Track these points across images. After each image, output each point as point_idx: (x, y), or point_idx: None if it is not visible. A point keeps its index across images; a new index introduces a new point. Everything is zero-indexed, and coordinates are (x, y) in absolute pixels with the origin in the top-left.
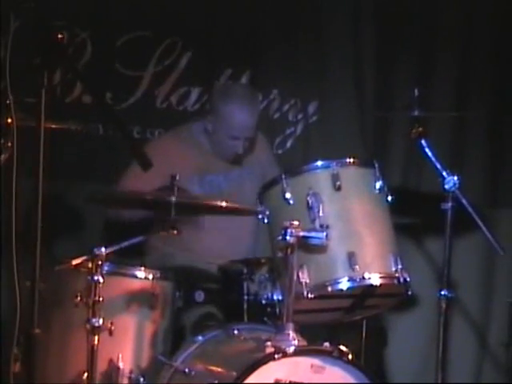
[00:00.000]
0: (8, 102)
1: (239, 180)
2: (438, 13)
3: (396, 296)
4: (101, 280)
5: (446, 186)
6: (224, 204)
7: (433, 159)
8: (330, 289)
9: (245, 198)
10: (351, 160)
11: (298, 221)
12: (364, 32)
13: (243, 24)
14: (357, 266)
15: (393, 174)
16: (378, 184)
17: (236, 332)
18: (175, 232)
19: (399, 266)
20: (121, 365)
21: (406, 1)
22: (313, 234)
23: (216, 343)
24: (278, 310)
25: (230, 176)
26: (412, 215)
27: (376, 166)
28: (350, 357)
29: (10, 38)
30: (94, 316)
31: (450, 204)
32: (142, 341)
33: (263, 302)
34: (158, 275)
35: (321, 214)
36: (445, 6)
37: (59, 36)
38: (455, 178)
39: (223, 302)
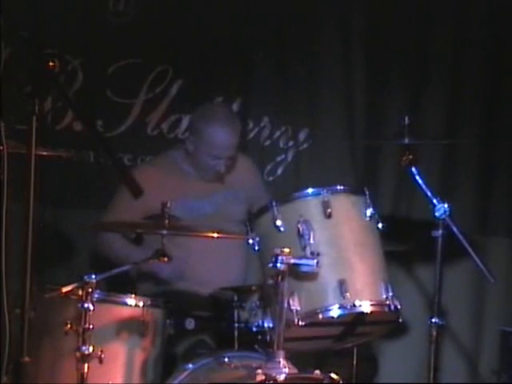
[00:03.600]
0: None
1: (224, 203)
2: (427, 41)
3: (387, 323)
4: (91, 307)
5: (437, 214)
6: (216, 235)
7: (423, 187)
8: (320, 316)
9: (230, 221)
10: (342, 187)
11: (289, 248)
12: (355, 60)
13: (234, 52)
14: (347, 294)
15: (383, 202)
16: (369, 211)
17: (226, 360)
18: (166, 259)
19: (390, 294)
20: None
21: (397, 28)
22: (303, 261)
23: (206, 371)
24: (268, 338)
25: (213, 199)
26: (403, 242)
27: (367, 193)
28: None
29: (2, 64)
30: (84, 344)
31: (440, 231)
32: (132, 369)
33: (254, 329)
34: (149, 303)
35: (311, 241)
36: (435, 34)
37: (50, 63)
38: (446, 205)
39: (214, 330)
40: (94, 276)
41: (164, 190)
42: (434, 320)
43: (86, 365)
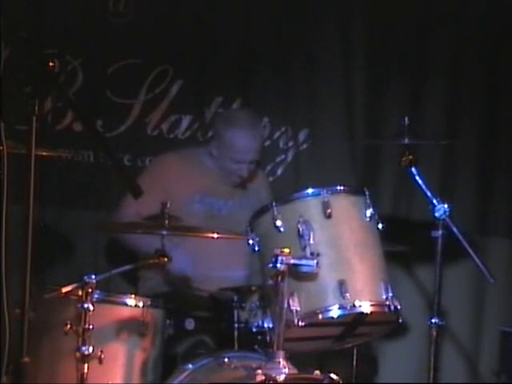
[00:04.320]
0: None
1: (239, 209)
2: (427, 41)
3: (387, 324)
4: (91, 308)
5: (437, 214)
6: (216, 236)
7: (423, 187)
8: (320, 316)
9: (241, 227)
10: (342, 187)
11: (289, 248)
12: (354, 60)
13: (234, 52)
14: (347, 294)
15: (383, 202)
16: (369, 212)
17: (226, 360)
18: (165, 260)
19: (390, 294)
20: None
21: (397, 29)
22: (303, 261)
23: (206, 371)
24: (268, 338)
25: (230, 203)
26: (402, 243)
27: (366, 193)
28: None
29: (2, 64)
30: (83, 344)
31: (440, 232)
32: (132, 369)
33: (254, 329)
34: (149, 303)
35: (311, 241)
36: (435, 34)
37: (50, 64)
38: (445, 205)
39: (214, 330)
40: (93, 276)
41: (186, 180)
42: (433, 320)
43: (86, 365)
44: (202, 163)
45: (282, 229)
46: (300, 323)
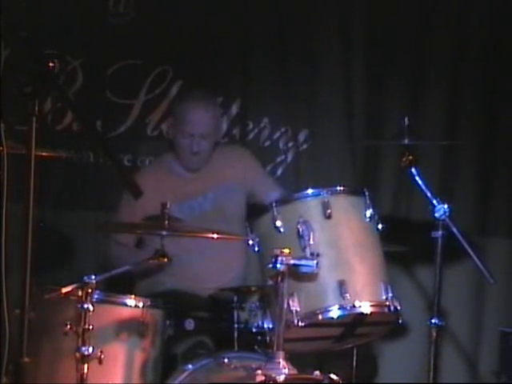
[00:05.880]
0: None
1: (219, 198)
2: (427, 41)
3: (387, 324)
4: (91, 308)
5: (437, 215)
6: (215, 236)
7: (423, 187)
8: (320, 317)
9: (227, 217)
10: (341, 188)
11: (289, 249)
12: (354, 60)
13: (234, 52)
14: (347, 294)
15: (383, 202)
16: (369, 212)
17: (226, 360)
18: (165, 260)
19: (390, 295)
20: None
21: (397, 29)
22: (303, 262)
23: (206, 372)
24: (268, 339)
25: (208, 196)
26: (402, 243)
27: (366, 194)
28: None
29: (2, 64)
30: (83, 344)
31: (440, 232)
32: (131, 369)
33: (253, 330)
34: (149, 303)
35: (311, 241)
36: (434, 35)
37: (50, 64)
38: (445, 206)
39: (213, 331)
40: (93, 277)
41: (161, 194)
42: (433, 321)
43: (86, 365)
44: (170, 169)
45: (281, 229)
46: (300, 323)
